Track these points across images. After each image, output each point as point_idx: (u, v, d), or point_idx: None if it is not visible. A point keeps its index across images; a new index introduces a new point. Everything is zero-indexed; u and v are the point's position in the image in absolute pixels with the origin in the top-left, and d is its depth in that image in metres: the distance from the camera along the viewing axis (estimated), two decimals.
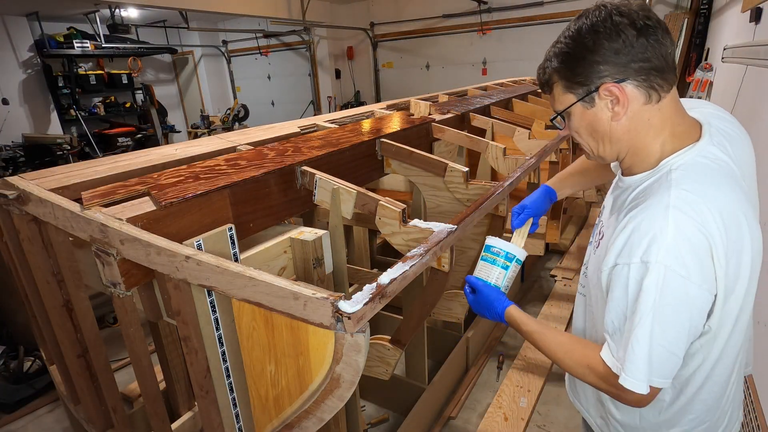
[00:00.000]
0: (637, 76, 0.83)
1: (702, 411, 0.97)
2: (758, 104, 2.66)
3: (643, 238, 0.80)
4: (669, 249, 0.77)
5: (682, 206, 0.79)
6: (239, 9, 6.71)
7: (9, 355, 2.88)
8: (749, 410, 1.81)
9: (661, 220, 0.79)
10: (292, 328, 1.08)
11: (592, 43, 0.84)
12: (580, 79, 0.87)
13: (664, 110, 0.87)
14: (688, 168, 0.84)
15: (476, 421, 2.39)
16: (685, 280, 0.78)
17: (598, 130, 0.91)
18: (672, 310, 0.79)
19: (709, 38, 5.56)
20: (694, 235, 0.78)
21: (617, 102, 0.86)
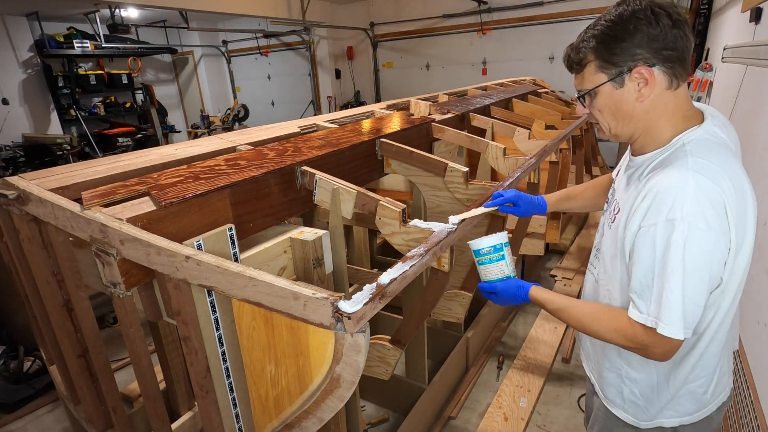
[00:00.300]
0: (666, 62, 0.92)
1: (707, 365, 1.05)
2: (758, 104, 2.66)
3: (666, 200, 0.89)
4: (692, 206, 0.86)
5: (700, 170, 0.89)
6: (239, 9, 6.71)
7: (9, 355, 2.88)
8: (749, 410, 1.81)
9: (682, 183, 0.88)
10: (292, 328, 1.08)
11: (633, 28, 0.91)
12: (615, 59, 0.94)
13: (679, 97, 0.97)
14: (699, 142, 0.95)
15: (476, 421, 2.39)
16: (707, 233, 0.87)
17: (622, 110, 0.99)
18: (699, 261, 0.88)
19: (709, 38, 5.56)
20: (712, 193, 0.87)
21: (645, 84, 0.94)
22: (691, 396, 1.08)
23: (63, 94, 7.09)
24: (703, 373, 1.06)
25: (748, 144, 2.71)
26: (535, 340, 3.01)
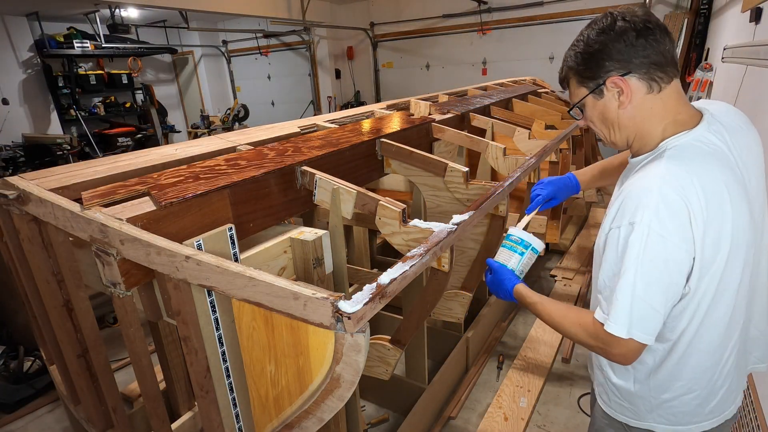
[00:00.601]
0: (639, 69, 0.96)
1: (691, 379, 1.04)
2: (758, 104, 2.66)
3: (631, 204, 0.92)
4: (652, 212, 0.89)
5: (667, 177, 0.91)
6: (239, 9, 6.71)
7: (9, 355, 2.88)
8: (749, 410, 1.81)
9: (648, 189, 0.91)
10: (292, 328, 1.08)
11: (600, 45, 0.98)
12: (590, 74, 1.02)
13: (666, 99, 0.99)
14: (681, 148, 0.96)
15: (476, 421, 2.39)
16: (665, 240, 0.89)
17: (608, 118, 1.05)
18: (652, 265, 0.90)
19: (709, 38, 5.56)
20: (675, 201, 0.89)
21: (622, 92, 0.99)
22: (683, 407, 1.07)
23: (63, 94, 7.09)
24: (693, 386, 1.05)
25: None
26: (535, 340, 3.01)
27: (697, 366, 1.03)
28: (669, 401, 1.07)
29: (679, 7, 6.29)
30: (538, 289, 3.97)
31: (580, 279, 3.80)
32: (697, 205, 0.89)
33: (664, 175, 0.92)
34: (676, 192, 0.90)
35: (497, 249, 1.38)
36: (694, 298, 0.97)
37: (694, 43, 5.84)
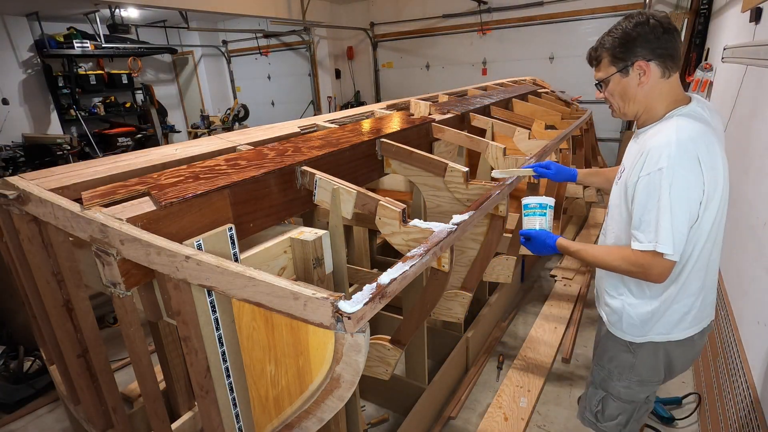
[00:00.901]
0: (659, 58, 1.26)
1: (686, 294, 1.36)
2: (758, 104, 2.66)
3: (656, 154, 1.20)
4: (674, 158, 1.18)
5: (680, 132, 1.21)
6: (239, 9, 6.71)
7: (9, 355, 2.88)
8: (749, 410, 1.81)
9: (668, 142, 1.20)
10: (292, 328, 1.08)
11: (635, 34, 1.25)
12: (622, 56, 1.29)
13: (671, 84, 1.30)
14: (685, 115, 1.27)
15: (476, 421, 2.39)
16: (687, 178, 1.18)
17: (628, 93, 1.33)
18: (681, 198, 1.18)
19: (709, 38, 5.56)
20: (689, 148, 1.19)
21: (644, 74, 1.28)
22: (676, 315, 1.37)
23: (63, 94, 7.09)
24: (686, 296, 1.36)
25: (748, 144, 2.71)
26: (535, 340, 3.01)
27: (695, 280, 1.34)
28: (668, 313, 1.37)
29: (679, 7, 6.29)
30: (538, 289, 3.96)
31: (580, 279, 3.80)
32: (703, 151, 1.19)
33: (678, 131, 1.21)
34: (689, 141, 1.19)
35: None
36: (701, 226, 1.26)
37: (694, 43, 5.84)
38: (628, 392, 1.51)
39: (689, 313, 1.38)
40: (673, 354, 1.44)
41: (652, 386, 1.51)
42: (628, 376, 1.49)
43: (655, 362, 1.45)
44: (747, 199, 2.53)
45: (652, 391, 1.53)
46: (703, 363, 2.53)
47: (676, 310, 1.37)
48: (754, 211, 2.34)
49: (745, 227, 2.43)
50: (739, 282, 2.37)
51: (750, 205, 2.43)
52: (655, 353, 1.44)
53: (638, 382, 1.49)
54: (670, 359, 1.45)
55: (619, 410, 1.54)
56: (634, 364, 1.47)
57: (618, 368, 1.50)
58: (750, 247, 2.28)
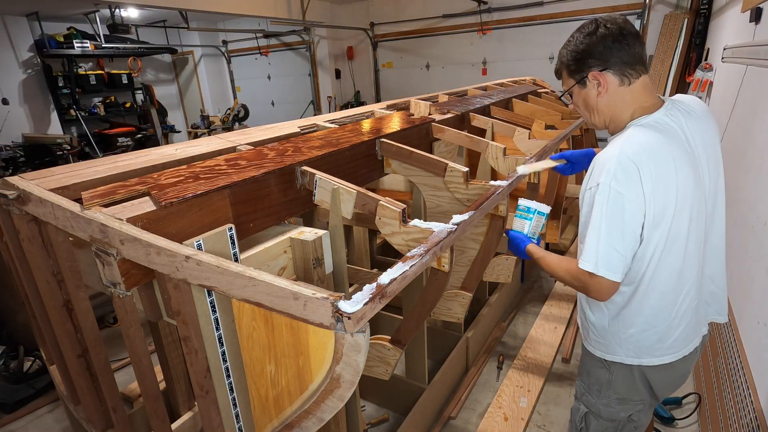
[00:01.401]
0: (613, 67, 1.23)
1: (650, 315, 1.28)
2: (758, 104, 2.66)
3: (598, 169, 1.19)
4: (612, 174, 1.15)
5: (624, 147, 1.17)
6: (239, 9, 6.71)
7: (9, 355, 2.88)
8: (749, 410, 1.81)
9: (609, 157, 1.17)
10: (292, 328, 1.08)
11: (585, 46, 1.25)
12: (575, 68, 1.29)
13: (634, 91, 1.26)
14: (641, 127, 1.23)
15: (476, 421, 2.39)
16: (622, 195, 1.14)
17: (589, 104, 1.32)
18: (613, 215, 1.15)
19: (709, 38, 5.56)
20: (629, 165, 1.14)
21: (600, 84, 1.26)
22: (645, 341, 1.30)
23: (63, 94, 7.09)
24: (653, 321, 1.28)
25: (748, 144, 2.71)
26: (535, 340, 3.01)
27: (655, 305, 1.27)
28: (634, 336, 1.31)
29: (679, 7, 6.28)
30: (538, 289, 3.97)
31: None
32: (647, 168, 1.14)
33: (623, 146, 1.17)
34: (630, 158, 1.14)
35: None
36: (649, 245, 1.21)
37: (694, 43, 5.84)
38: (608, 410, 1.43)
39: (666, 339, 1.29)
40: (651, 377, 1.35)
41: (634, 405, 1.40)
42: (606, 393, 1.42)
43: (632, 382, 1.37)
44: (747, 199, 2.53)
45: (635, 410, 1.42)
46: (703, 363, 2.53)
47: (645, 333, 1.29)
48: (754, 211, 2.34)
49: (745, 227, 2.43)
50: (739, 282, 2.37)
51: (750, 205, 2.43)
52: (630, 373, 1.36)
53: (618, 400, 1.41)
54: (649, 382, 1.36)
55: (602, 428, 1.47)
56: (611, 381, 1.40)
57: (596, 384, 1.44)
58: (750, 247, 2.28)
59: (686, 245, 1.23)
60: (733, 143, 3.24)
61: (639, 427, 1.47)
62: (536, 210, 1.62)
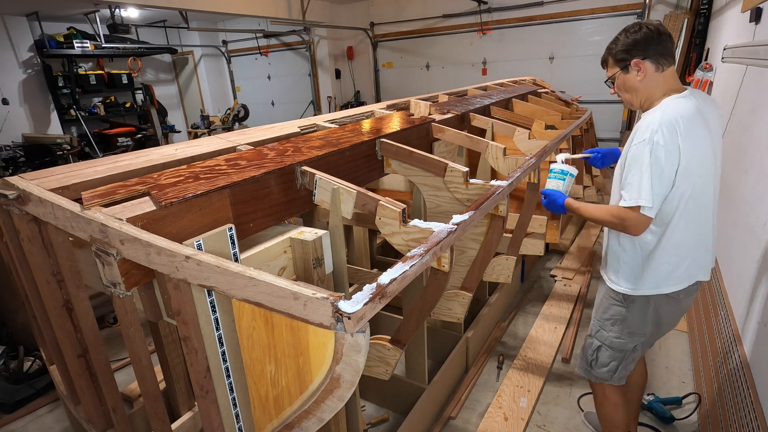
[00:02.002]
0: (651, 57, 1.56)
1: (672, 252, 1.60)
2: (758, 104, 2.66)
3: (645, 128, 1.50)
4: (657, 131, 1.47)
5: (666, 112, 1.50)
6: (239, 9, 6.71)
7: (9, 355, 2.88)
8: (749, 410, 1.81)
9: (653, 120, 1.49)
10: (292, 328, 1.08)
11: (631, 40, 1.57)
12: (621, 57, 1.61)
13: (666, 77, 1.58)
14: (674, 100, 1.55)
15: (476, 421, 2.39)
16: (664, 148, 1.46)
17: (629, 86, 1.63)
18: (655, 162, 1.46)
19: (709, 38, 5.56)
20: (670, 124, 1.47)
21: (639, 70, 1.58)
22: (664, 271, 1.62)
23: (63, 94, 7.10)
24: (671, 256, 1.60)
25: (748, 144, 2.71)
26: (535, 340, 3.01)
27: (674, 240, 1.58)
28: (657, 269, 1.62)
29: (679, 7, 6.29)
30: (538, 289, 3.97)
31: (580, 279, 3.80)
32: (682, 126, 1.47)
33: (663, 111, 1.50)
34: (671, 118, 1.47)
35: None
36: (677, 191, 1.52)
37: (694, 43, 5.84)
38: (620, 342, 1.77)
39: (676, 271, 1.62)
40: (661, 309, 1.68)
41: (639, 338, 1.76)
42: (620, 327, 1.75)
43: (644, 316, 1.70)
44: (747, 199, 2.53)
45: (640, 342, 1.77)
46: (703, 363, 2.53)
47: (664, 265, 1.61)
48: (754, 211, 2.34)
49: (745, 227, 2.43)
50: (739, 282, 2.37)
51: (750, 205, 2.43)
52: (645, 307, 1.68)
53: (628, 334, 1.75)
54: (659, 314, 1.69)
55: (611, 358, 1.80)
56: (626, 316, 1.72)
57: (612, 320, 1.76)
58: (750, 247, 2.28)
59: (704, 197, 1.57)
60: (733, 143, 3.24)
61: (636, 358, 1.84)
62: (568, 172, 1.93)
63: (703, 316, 2.82)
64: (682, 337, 3.00)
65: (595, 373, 1.86)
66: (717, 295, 2.68)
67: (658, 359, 2.80)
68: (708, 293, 2.88)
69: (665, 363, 2.77)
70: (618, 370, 1.81)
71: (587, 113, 3.91)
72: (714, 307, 2.67)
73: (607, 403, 1.88)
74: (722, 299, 2.56)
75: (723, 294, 2.58)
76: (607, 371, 1.82)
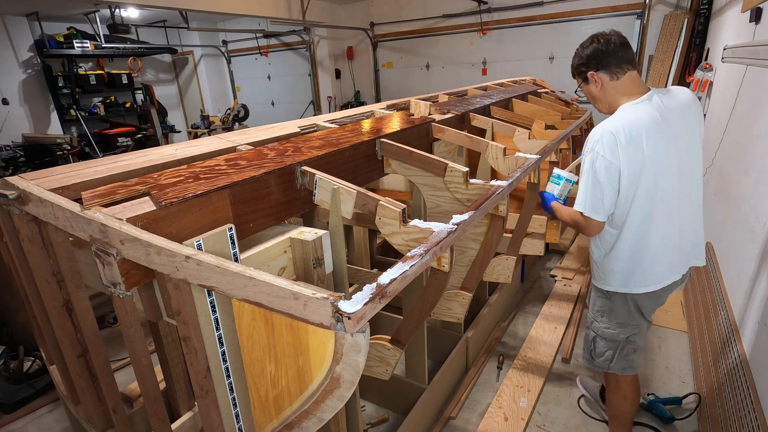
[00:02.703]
0: (603, 68, 1.69)
1: (632, 252, 1.71)
2: (758, 104, 2.66)
3: (590, 139, 1.65)
4: (597, 141, 1.61)
5: (608, 123, 1.62)
6: (239, 9, 6.71)
7: (9, 355, 2.88)
8: (749, 410, 1.81)
9: (596, 131, 1.63)
10: (292, 328, 1.08)
11: (585, 56, 1.72)
12: (581, 70, 1.76)
13: (623, 83, 1.69)
14: (623, 108, 1.66)
15: (476, 421, 2.39)
16: (604, 158, 1.59)
17: (594, 95, 1.77)
18: (597, 172, 1.61)
19: (709, 38, 5.56)
20: (609, 135, 1.59)
21: (596, 80, 1.72)
22: (631, 274, 1.73)
23: (63, 94, 7.09)
24: (630, 255, 1.71)
25: (748, 144, 2.71)
26: (535, 340, 3.01)
27: (634, 244, 1.70)
28: (622, 269, 1.74)
29: (679, 7, 6.28)
30: (538, 289, 3.97)
31: (580, 279, 3.80)
32: (625, 137, 1.57)
33: (607, 122, 1.62)
34: (610, 130, 1.59)
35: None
36: (627, 196, 1.63)
37: (694, 43, 5.84)
38: (610, 332, 1.88)
39: (639, 270, 1.72)
40: (640, 303, 1.80)
41: (631, 329, 1.85)
42: (609, 318, 1.87)
43: (628, 309, 1.81)
44: (747, 199, 2.53)
45: (632, 333, 1.85)
46: (703, 363, 2.53)
47: (623, 263, 1.73)
48: (754, 211, 2.34)
49: (745, 227, 2.43)
50: (739, 282, 2.37)
51: (750, 206, 2.43)
52: (625, 301, 1.80)
53: (618, 324, 1.86)
54: (639, 307, 1.81)
55: (606, 347, 1.91)
56: (612, 308, 1.85)
57: (600, 311, 1.90)
58: (750, 247, 2.28)
59: (662, 197, 1.64)
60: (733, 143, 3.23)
61: (638, 350, 1.89)
62: (565, 177, 2.05)
63: (703, 316, 2.82)
64: (682, 337, 3.00)
65: (595, 363, 1.97)
66: (717, 295, 2.68)
67: (658, 359, 2.80)
68: (708, 293, 2.88)
69: (665, 363, 2.77)
70: (615, 360, 1.90)
71: (587, 113, 3.91)
72: (714, 307, 2.67)
73: (618, 393, 1.99)
74: (722, 299, 2.56)
75: (723, 294, 2.58)
76: (603, 360, 1.93)
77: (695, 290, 3.20)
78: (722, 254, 2.91)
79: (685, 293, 3.44)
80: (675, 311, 3.27)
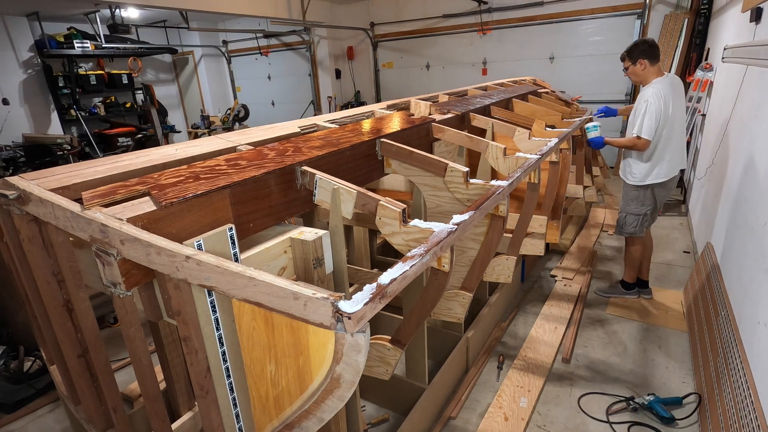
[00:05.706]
0: (648, 58, 2.96)
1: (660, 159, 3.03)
2: (758, 104, 2.66)
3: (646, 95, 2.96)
4: (651, 96, 2.91)
5: (656, 85, 2.95)
6: (239, 9, 6.71)
7: (9, 355, 2.88)
8: (749, 410, 1.81)
9: (649, 89, 2.96)
10: (292, 328, 1.08)
11: (639, 50, 2.98)
12: (633, 57, 3.00)
13: (654, 68, 2.99)
14: (658, 81, 2.97)
15: (476, 421, 2.39)
16: (656, 103, 2.88)
17: (636, 72, 3.02)
18: (652, 111, 2.89)
19: (709, 38, 5.56)
20: (657, 93, 2.90)
21: (642, 64, 2.97)
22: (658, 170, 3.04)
23: (63, 94, 7.10)
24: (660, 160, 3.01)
25: (748, 144, 2.71)
26: (535, 340, 3.01)
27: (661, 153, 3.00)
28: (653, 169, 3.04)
29: (679, 7, 6.28)
30: (538, 289, 3.96)
31: (580, 279, 3.80)
32: (666, 92, 2.89)
33: (654, 86, 2.92)
34: (659, 88, 2.90)
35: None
36: (661, 128, 2.92)
37: (695, 43, 5.84)
38: (637, 209, 3.15)
39: (664, 169, 3.02)
40: (656, 191, 3.10)
41: (647, 207, 3.14)
42: (636, 202, 3.16)
43: (648, 195, 3.12)
44: (747, 199, 2.53)
45: (649, 209, 3.15)
46: (703, 363, 2.53)
47: (657, 167, 3.02)
48: (754, 211, 2.34)
49: (745, 227, 2.43)
50: (739, 282, 2.37)
51: (750, 205, 2.43)
52: (647, 190, 3.10)
53: (641, 204, 3.14)
54: (654, 194, 3.12)
55: (633, 220, 3.19)
56: (638, 195, 3.13)
57: (632, 199, 3.18)
58: (750, 247, 2.28)
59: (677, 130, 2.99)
60: (733, 143, 3.24)
61: (648, 219, 3.20)
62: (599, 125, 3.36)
63: (703, 316, 2.82)
64: (682, 337, 3.00)
65: (625, 230, 3.24)
66: (717, 295, 2.68)
67: (658, 359, 2.80)
68: (708, 293, 2.88)
69: (665, 363, 2.77)
70: (638, 227, 3.18)
71: (587, 113, 3.92)
72: (714, 307, 2.67)
73: (634, 247, 3.29)
74: (722, 299, 2.56)
75: (723, 294, 2.58)
76: (632, 227, 3.20)
77: (695, 290, 3.20)
78: (722, 254, 2.91)
79: (685, 293, 3.44)
80: (675, 311, 3.27)
